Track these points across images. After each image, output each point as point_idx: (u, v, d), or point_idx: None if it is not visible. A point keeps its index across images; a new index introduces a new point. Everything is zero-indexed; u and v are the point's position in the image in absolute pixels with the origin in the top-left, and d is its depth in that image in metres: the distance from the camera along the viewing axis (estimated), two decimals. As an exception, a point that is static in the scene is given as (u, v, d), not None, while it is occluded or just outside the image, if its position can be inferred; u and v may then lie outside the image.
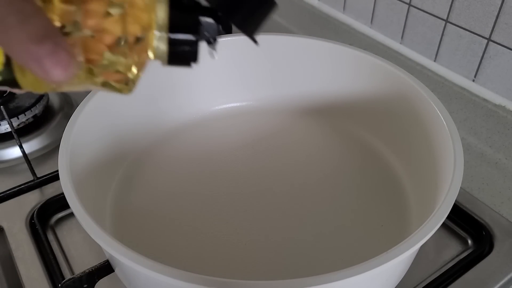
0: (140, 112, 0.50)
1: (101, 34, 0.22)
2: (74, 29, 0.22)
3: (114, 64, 0.23)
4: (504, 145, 0.51)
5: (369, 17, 0.64)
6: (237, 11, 0.25)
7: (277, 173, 0.49)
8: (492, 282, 0.40)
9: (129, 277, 0.37)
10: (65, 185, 0.35)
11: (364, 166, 0.50)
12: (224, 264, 0.40)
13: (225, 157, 0.51)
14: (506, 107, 0.51)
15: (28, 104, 0.55)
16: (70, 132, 0.40)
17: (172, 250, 0.41)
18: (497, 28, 0.49)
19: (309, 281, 0.28)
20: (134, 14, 0.23)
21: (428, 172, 0.43)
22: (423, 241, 0.31)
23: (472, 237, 0.44)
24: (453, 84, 0.55)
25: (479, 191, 0.49)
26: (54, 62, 0.20)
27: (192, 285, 0.28)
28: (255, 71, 0.56)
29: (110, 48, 0.23)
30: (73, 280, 0.37)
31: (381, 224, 0.44)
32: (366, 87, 0.52)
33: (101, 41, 0.23)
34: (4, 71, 0.22)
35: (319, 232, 0.43)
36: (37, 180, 0.49)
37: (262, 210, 0.45)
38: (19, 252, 0.43)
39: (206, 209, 0.45)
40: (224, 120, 0.56)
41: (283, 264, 0.40)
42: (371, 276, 0.29)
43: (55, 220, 0.46)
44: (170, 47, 0.24)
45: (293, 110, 0.57)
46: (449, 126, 0.40)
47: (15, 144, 0.51)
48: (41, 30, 0.20)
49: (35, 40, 0.20)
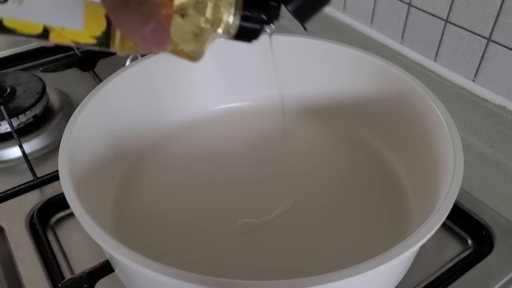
0: (140, 112, 0.50)
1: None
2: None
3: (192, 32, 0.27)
4: (504, 145, 0.51)
5: (369, 17, 0.64)
6: (298, 1, 0.29)
7: (277, 173, 0.49)
8: (492, 282, 0.40)
9: (129, 277, 0.37)
10: (65, 185, 0.35)
11: (364, 166, 0.50)
12: (224, 264, 0.40)
13: (225, 157, 0.51)
14: (506, 107, 0.51)
15: (28, 104, 0.55)
16: (70, 132, 0.40)
17: (172, 250, 0.41)
18: (497, 28, 0.49)
19: (309, 281, 0.28)
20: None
21: (428, 172, 0.43)
22: (423, 241, 0.31)
23: (472, 237, 0.44)
24: (453, 84, 0.55)
25: (479, 191, 0.49)
26: (156, 39, 0.24)
27: (192, 285, 0.28)
28: (255, 71, 0.56)
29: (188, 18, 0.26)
30: (73, 280, 0.37)
31: (381, 224, 0.44)
32: (366, 87, 0.52)
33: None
34: (101, 37, 0.25)
35: (319, 232, 0.43)
36: (37, 180, 0.49)
37: (262, 210, 0.45)
38: (19, 252, 0.43)
39: (206, 209, 0.45)
40: (224, 120, 0.56)
41: (283, 264, 0.40)
42: (371, 276, 0.29)
43: (55, 220, 0.46)
44: (241, 22, 0.28)
45: (293, 110, 0.57)
46: (449, 126, 0.40)
47: (15, 144, 0.51)
48: (150, 12, 0.23)
49: (144, 20, 0.23)
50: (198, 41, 0.27)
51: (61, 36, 0.25)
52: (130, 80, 0.48)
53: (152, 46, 0.25)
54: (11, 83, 0.58)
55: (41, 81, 0.59)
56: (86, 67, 0.66)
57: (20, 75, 0.60)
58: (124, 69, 0.48)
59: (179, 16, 0.26)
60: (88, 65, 0.66)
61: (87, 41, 0.26)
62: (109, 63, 0.67)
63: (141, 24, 0.23)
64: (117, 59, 0.68)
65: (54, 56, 0.72)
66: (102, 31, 0.25)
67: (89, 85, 0.45)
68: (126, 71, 0.48)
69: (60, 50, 0.72)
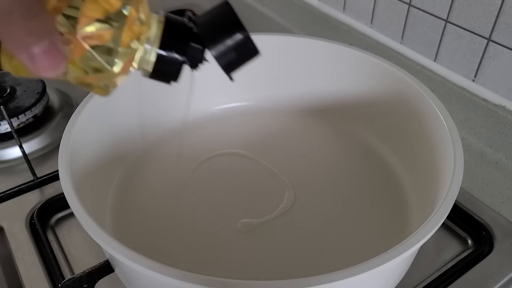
0: (140, 112, 0.50)
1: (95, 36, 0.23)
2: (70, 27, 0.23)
3: (99, 66, 0.24)
4: (504, 145, 0.51)
5: (369, 17, 0.64)
6: (223, 48, 0.26)
7: (277, 173, 0.49)
8: (492, 282, 0.40)
9: (129, 277, 0.37)
10: (65, 185, 0.35)
11: (364, 166, 0.50)
12: (224, 264, 0.40)
13: (225, 157, 0.51)
14: (506, 107, 0.51)
15: (28, 104, 0.55)
16: (70, 132, 0.40)
17: (172, 250, 0.41)
18: (497, 28, 0.49)
19: (309, 281, 0.28)
20: (130, 25, 0.24)
21: (428, 172, 0.43)
22: (423, 241, 0.31)
23: (472, 237, 0.44)
24: (453, 84, 0.55)
25: (479, 191, 0.49)
26: (47, 60, 0.21)
27: (192, 285, 0.28)
28: (255, 71, 0.55)
29: (98, 48, 0.24)
30: (73, 280, 0.37)
31: (381, 224, 0.44)
32: (366, 87, 0.52)
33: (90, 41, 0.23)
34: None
35: (319, 232, 0.43)
36: (37, 180, 0.49)
37: (262, 210, 0.45)
38: (19, 252, 0.43)
39: (206, 209, 0.45)
40: (224, 120, 0.56)
41: (283, 264, 0.40)
42: (371, 276, 0.29)
43: (55, 220, 0.46)
44: (156, 63, 0.26)
45: (293, 110, 0.57)
46: (449, 126, 0.40)
47: (15, 144, 0.51)
48: (42, 29, 0.21)
49: (34, 37, 0.21)
50: (108, 74, 0.25)
51: None
52: (130, 80, 0.48)
53: (41, 69, 0.22)
54: (11, 83, 0.58)
55: (41, 81, 0.59)
56: (86, 67, 0.66)
57: (20, 75, 0.60)
58: (124, 69, 0.48)
59: (87, 45, 0.23)
60: (88, 65, 0.66)
61: None
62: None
63: (29, 41, 0.21)
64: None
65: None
66: None
67: (89, 85, 0.45)
68: (126, 71, 0.47)
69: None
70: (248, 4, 0.81)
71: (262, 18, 0.79)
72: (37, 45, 0.21)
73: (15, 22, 0.20)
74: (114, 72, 0.25)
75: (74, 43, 0.23)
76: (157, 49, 0.26)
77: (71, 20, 0.23)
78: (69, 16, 0.23)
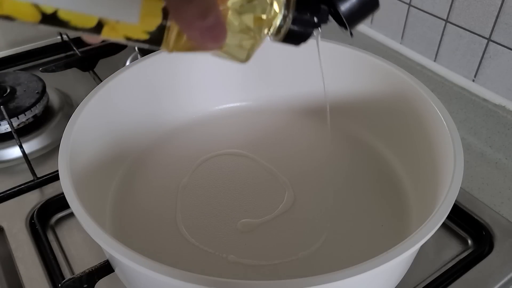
0: (140, 112, 0.50)
1: None
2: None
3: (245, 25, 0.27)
4: (504, 145, 0.51)
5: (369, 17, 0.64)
6: (349, 4, 0.28)
7: (277, 173, 0.49)
8: (492, 282, 0.40)
9: (129, 277, 0.37)
10: (65, 185, 0.35)
11: (364, 166, 0.50)
12: (224, 264, 0.40)
13: (225, 157, 0.51)
14: (506, 107, 0.51)
15: (28, 104, 0.55)
16: (70, 132, 0.40)
17: (172, 250, 0.41)
18: (497, 28, 0.49)
19: (309, 281, 0.28)
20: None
21: (428, 172, 0.43)
22: (423, 241, 0.31)
23: (472, 237, 0.44)
24: (453, 84, 0.55)
25: (479, 191, 0.49)
26: (213, 35, 0.24)
27: (192, 285, 0.28)
28: (255, 71, 0.56)
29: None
30: (73, 280, 0.37)
31: (381, 224, 0.44)
32: (366, 87, 0.52)
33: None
34: (155, 32, 0.25)
35: (319, 232, 0.43)
36: (37, 180, 0.49)
37: (262, 210, 0.45)
38: (19, 252, 0.43)
39: (206, 208, 0.45)
40: (224, 120, 0.56)
41: (283, 264, 0.40)
42: (371, 276, 0.29)
43: (55, 220, 0.46)
44: (292, 25, 0.28)
45: (293, 110, 0.57)
46: (449, 126, 0.40)
47: (15, 144, 0.51)
48: (208, 7, 0.23)
49: (202, 15, 0.23)
50: (248, 40, 0.27)
51: (114, 30, 0.24)
52: (130, 80, 0.48)
53: (208, 42, 0.24)
54: (11, 83, 0.58)
55: (41, 81, 0.59)
56: (86, 67, 0.66)
57: (20, 75, 0.60)
58: (124, 69, 0.48)
59: (233, 13, 0.26)
60: (88, 65, 0.66)
61: (140, 36, 0.25)
62: (109, 63, 0.67)
63: (201, 18, 0.23)
64: (117, 59, 0.68)
65: (54, 56, 0.72)
66: (157, 25, 0.25)
67: (89, 85, 0.45)
68: (126, 71, 0.47)
69: (60, 50, 0.72)
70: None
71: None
72: (207, 20, 0.23)
73: (191, 2, 0.23)
74: (258, 39, 0.27)
75: (227, 15, 0.25)
76: (292, 12, 0.27)
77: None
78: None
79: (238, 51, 0.28)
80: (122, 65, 0.64)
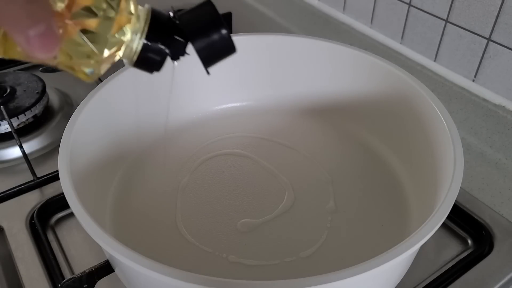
0: (140, 112, 0.50)
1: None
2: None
3: (88, 51, 0.26)
4: (504, 145, 0.51)
5: (369, 17, 0.64)
6: (205, 43, 0.28)
7: (277, 173, 0.49)
8: (492, 282, 0.40)
9: (129, 277, 0.37)
10: (65, 185, 0.35)
11: (364, 166, 0.50)
12: (224, 264, 0.40)
13: (225, 157, 0.51)
14: (506, 107, 0.51)
15: (28, 104, 0.55)
16: (70, 132, 0.40)
17: (172, 250, 0.41)
18: (497, 28, 0.49)
19: (309, 281, 0.28)
20: (120, 15, 0.26)
21: (428, 172, 0.43)
22: (423, 241, 0.31)
23: (472, 237, 0.44)
24: (453, 84, 0.55)
25: (479, 191, 0.49)
26: (43, 42, 0.23)
27: (192, 285, 0.28)
28: (255, 71, 0.56)
29: (88, 35, 0.25)
30: (73, 280, 0.37)
31: (381, 224, 0.44)
32: (366, 87, 0.52)
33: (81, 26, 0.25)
34: None
35: (319, 232, 0.43)
36: (37, 180, 0.49)
37: (262, 210, 0.45)
38: (19, 252, 0.43)
39: (206, 209, 0.45)
40: (224, 120, 0.56)
41: (283, 264, 0.40)
42: (371, 276, 0.29)
43: (55, 220, 0.46)
44: (142, 52, 0.28)
45: (293, 110, 0.57)
46: (449, 126, 0.40)
47: (15, 144, 0.51)
48: (40, 12, 0.22)
49: (33, 19, 0.22)
50: (95, 60, 0.26)
51: None
52: (130, 80, 0.48)
53: (36, 50, 0.23)
54: (11, 83, 0.58)
55: (41, 81, 0.59)
56: (86, 67, 0.66)
57: (20, 75, 0.60)
58: (124, 69, 0.48)
59: (79, 31, 0.25)
60: (88, 65, 0.66)
61: None
62: (109, 63, 0.67)
63: (28, 23, 0.22)
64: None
65: (54, 56, 0.72)
66: None
67: (89, 85, 0.45)
68: (126, 71, 0.47)
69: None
70: (248, 4, 0.81)
71: (262, 18, 0.79)
72: (35, 27, 0.22)
73: (17, 4, 0.21)
74: (102, 58, 0.26)
75: (65, 27, 0.24)
76: (143, 39, 0.27)
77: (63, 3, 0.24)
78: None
79: (85, 69, 0.27)
80: (122, 65, 0.64)
